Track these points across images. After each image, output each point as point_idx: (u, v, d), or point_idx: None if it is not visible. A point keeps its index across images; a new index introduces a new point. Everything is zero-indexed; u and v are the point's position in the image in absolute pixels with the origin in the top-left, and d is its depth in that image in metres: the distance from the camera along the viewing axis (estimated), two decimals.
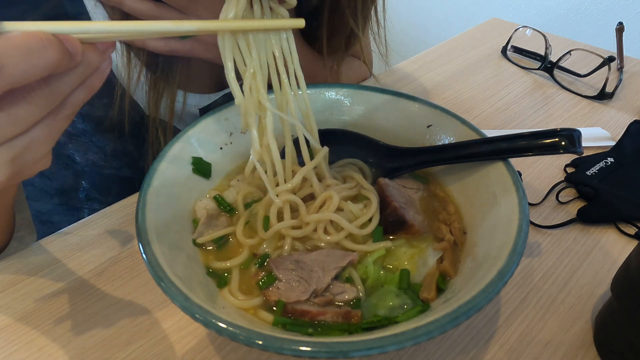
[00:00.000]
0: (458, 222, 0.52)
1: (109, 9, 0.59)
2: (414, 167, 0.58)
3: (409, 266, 0.48)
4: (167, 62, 0.63)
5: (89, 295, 0.51)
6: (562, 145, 0.49)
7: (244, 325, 0.35)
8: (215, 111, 0.58)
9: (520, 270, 0.55)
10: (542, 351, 0.47)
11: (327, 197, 0.52)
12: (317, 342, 0.35)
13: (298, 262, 0.48)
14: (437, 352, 0.47)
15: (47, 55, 0.32)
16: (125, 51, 0.60)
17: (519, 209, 0.45)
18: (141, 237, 0.42)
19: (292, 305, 0.44)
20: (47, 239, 0.57)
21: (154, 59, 0.62)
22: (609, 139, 0.76)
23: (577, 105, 0.86)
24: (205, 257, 0.49)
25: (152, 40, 0.59)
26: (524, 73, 0.96)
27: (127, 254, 0.56)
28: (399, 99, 0.62)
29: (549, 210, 0.64)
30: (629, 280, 0.42)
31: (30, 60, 0.31)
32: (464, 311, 0.36)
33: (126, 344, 0.47)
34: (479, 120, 0.82)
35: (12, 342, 0.47)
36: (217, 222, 0.52)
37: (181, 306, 0.37)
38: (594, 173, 0.67)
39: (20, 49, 0.31)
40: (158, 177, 0.49)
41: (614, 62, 0.88)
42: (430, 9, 2.24)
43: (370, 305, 0.45)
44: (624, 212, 0.62)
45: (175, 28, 0.40)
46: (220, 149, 0.58)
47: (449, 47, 1.05)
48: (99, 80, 0.39)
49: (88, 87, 0.38)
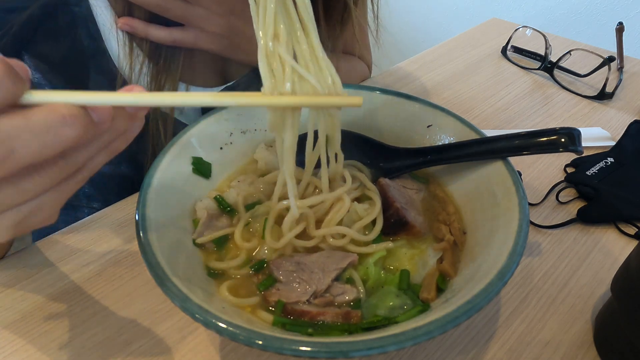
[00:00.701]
0: (458, 223, 0.52)
1: None
2: (413, 167, 0.58)
3: (409, 267, 0.48)
4: (170, 53, 0.62)
5: (89, 295, 0.51)
6: (562, 144, 0.49)
7: (244, 325, 0.35)
8: (216, 111, 0.58)
9: (520, 270, 0.55)
10: (542, 351, 0.47)
11: (338, 199, 0.52)
12: (317, 342, 0.35)
13: (299, 264, 0.48)
14: (437, 352, 0.47)
15: (67, 133, 0.30)
16: (128, 41, 0.59)
17: (519, 209, 0.45)
18: (141, 237, 0.42)
19: (292, 306, 0.44)
20: (47, 239, 0.57)
21: (156, 49, 0.61)
22: (609, 139, 0.76)
23: (577, 105, 0.86)
24: (205, 258, 0.49)
25: (155, 30, 0.58)
26: (524, 73, 0.96)
27: (127, 254, 0.56)
28: (399, 99, 0.62)
29: (549, 210, 0.64)
30: (629, 280, 0.42)
31: (45, 141, 0.29)
32: (464, 311, 0.36)
33: (126, 344, 0.47)
34: (479, 120, 0.82)
35: (12, 342, 0.47)
36: (217, 222, 0.52)
37: (181, 306, 0.37)
38: (594, 173, 0.67)
39: (36, 129, 0.29)
40: (158, 177, 0.49)
41: (614, 62, 0.88)
42: (430, 9, 2.24)
43: (370, 305, 0.45)
44: (624, 212, 0.62)
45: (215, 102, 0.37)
46: (220, 149, 0.58)
47: (449, 47, 1.05)
48: (124, 144, 0.36)
49: (110, 151, 0.35)
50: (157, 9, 0.57)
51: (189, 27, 0.60)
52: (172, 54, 0.62)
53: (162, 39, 0.59)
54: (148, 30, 0.58)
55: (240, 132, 0.59)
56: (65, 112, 0.29)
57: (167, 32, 0.58)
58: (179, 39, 0.59)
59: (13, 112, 0.29)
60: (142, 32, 0.58)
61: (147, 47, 0.60)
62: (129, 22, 0.57)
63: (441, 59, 1.00)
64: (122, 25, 0.57)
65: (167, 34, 0.59)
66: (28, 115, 0.29)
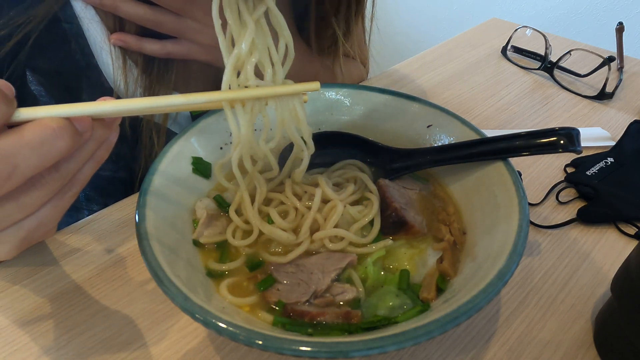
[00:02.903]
0: (458, 223, 0.52)
1: (103, 14, 0.58)
2: (413, 168, 0.58)
3: (408, 266, 0.48)
4: (163, 65, 0.62)
5: (88, 295, 0.51)
6: (561, 144, 0.49)
7: (243, 325, 0.36)
8: (215, 111, 0.58)
9: (520, 270, 0.55)
10: (542, 351, 0.47)
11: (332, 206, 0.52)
12: (317, 342, 0.35)
13: (298, 266, 0.48)
14: (437, 352, 0.47)
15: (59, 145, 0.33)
16: (121, 54, 0.60)
17: (519, 209, 0.45)
18: (141, 237, 0.42)
19: (292, 306, 0.44)
20: (47, 239, 0.57)
21: (150, 61, 0.61)
22: (609, 139, 0.76)
23: (577, 105, 0.86)
24: (205, 258, 0.49)
25: (148, 44, 0.58)
26: (524, 73, 0.96)
27: (127, 254, 0.56)
28: (399, 99, 0.62)
29: (549, 210, 0.64)
30: (629, 280, 0.42)
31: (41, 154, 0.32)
32: (464, 311, 0.36)
33: (126, 344, 0.47)
34: (479, 120, 0.82)
35: (12, 342, 0.47)
36: (217, 222, 0.52)
37: (181, 306, 0.37)
38: (594, 173, 0.67)
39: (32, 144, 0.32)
40: (158, 177, 0.49)
41: (614, 62, 0.88)
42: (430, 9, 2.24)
43: (370, 305, 0.45)
44: (624, 212, 0.62)
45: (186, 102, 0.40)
46: (220, 149, 0.58)
47: (449, 47, 1.05)
48: (106, 151, 0.40)
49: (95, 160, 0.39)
50: (149, 24, 0.57)
51: (182, 40, 0.60)
52: (166, 65, 0.62)
53: (155, 52, 0.59)
54: (141, 44, 0.58)
55: None
56: (55, 126, 0.33)
57: (160, 45, 0.59)
58: (172, 51, 0.60)
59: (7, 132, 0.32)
60: (135, 47, 0.58)
61: (141, 60, 0.61)
62: (121, 37, 0.58)
63: (441, 59, 1.00)
64: (115, 41, 0.58)
65: (160, 47, 0.59)
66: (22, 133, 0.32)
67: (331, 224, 0.50)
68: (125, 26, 0.58)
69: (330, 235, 0.50)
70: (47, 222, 0.37)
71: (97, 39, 0.59)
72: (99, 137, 0.37)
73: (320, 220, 0.51)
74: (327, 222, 0.51)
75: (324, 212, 0.52)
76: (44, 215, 0.37)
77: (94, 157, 0.39)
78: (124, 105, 0.38)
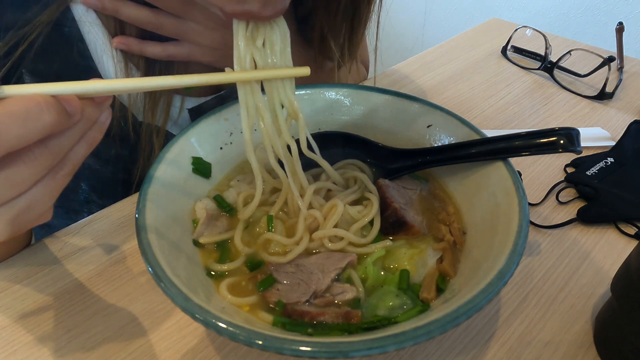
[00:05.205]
0: (457, 223, 0.52)
1: (104, 17, 0.58)
2: (413, 168, 0.58)
3: (408, 266, 0.48)
4: (164, 67, 0.62)
5: (88, 295, 0.51)
6: (561, 144, 0.49)
7: (243, 326, 0.36)
8: (215, 111, 0.58)
9: (520, 270, 0.55)
10: (542, 351, 0.47)
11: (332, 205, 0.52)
12: (317, 342, 0.35)
13: (298, 266, 0.48)
14: (437, 352, 0.47)
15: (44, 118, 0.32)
16: (123, 58, 0.60)
17: (519, 209, 0.45)
18: (141, 237, 0.42)
19: (292, 306, 0.44)
20: (47, 239, 0.57)
21: (151, 64, 0.61)
22: (609, 139, 0.76)
23: (577, 105, 0.86)
24: (205, 258, 0.49)
25: (149, 47, 0.59)
26: (524, 73, 0.96)
27: (127, 254, 0.56)
28: (399, 99, 0.62)
29: (549, 210, 0.64)
30: (629, 280, 0.42)
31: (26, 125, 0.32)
32: (464, 311, 0.36)
33: (126, 344, 0.47)
34: (479, 120, 0.82)
35: (12, 342, 0.47)
36: (217, 222, 0.52)
37: (181, 306, 0.37)
38: (594, 173, 0.67)
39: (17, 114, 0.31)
40: (158, 177, 0.49)
41: (614, 62, 0.88)
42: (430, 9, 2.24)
43: (370, 305, 0.45)
44: (624, 212, 0.62)
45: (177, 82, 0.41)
46: (220, 149, 0.58)
47: (448, 47, 1.05)
48: (99, 133, 0.39)
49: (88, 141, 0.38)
50: (150, 27, 0.57)
51: (183, 42, 0.60)
52: (167, 67, 0.63)
53: (156, 54, 0.59)
54: (143, 47, 0.58)
55: (240, 132, 0.59)
56: (41, 100, 0.32)
57: (161, 47, 0.59)
58: (173, 53, 0.60)
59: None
60: (137, 49, 0.58)
61: (143, 64, 0.61)
62: (123, 40, 0.58)
63: (441, 59, 1.00)
64: (117, 44, 0.58)
65: (161, 50, 0.59)
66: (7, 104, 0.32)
67: (331, 224, 0.50)
68: (125, 29, 0.58)
69: (330, 235, 0.50)
70: (40, 202, 0.36)
71: (98, 42, 0.59)
72: (89, 116, 0.37)
73: (320, 219, 0.51)
74: (326, 221, 0.51)
75: (324, 211, 0.52)
76: (35, 195, 0.36)
77: (86, 137, 0.38)
78: (113, 84, 0.38)
